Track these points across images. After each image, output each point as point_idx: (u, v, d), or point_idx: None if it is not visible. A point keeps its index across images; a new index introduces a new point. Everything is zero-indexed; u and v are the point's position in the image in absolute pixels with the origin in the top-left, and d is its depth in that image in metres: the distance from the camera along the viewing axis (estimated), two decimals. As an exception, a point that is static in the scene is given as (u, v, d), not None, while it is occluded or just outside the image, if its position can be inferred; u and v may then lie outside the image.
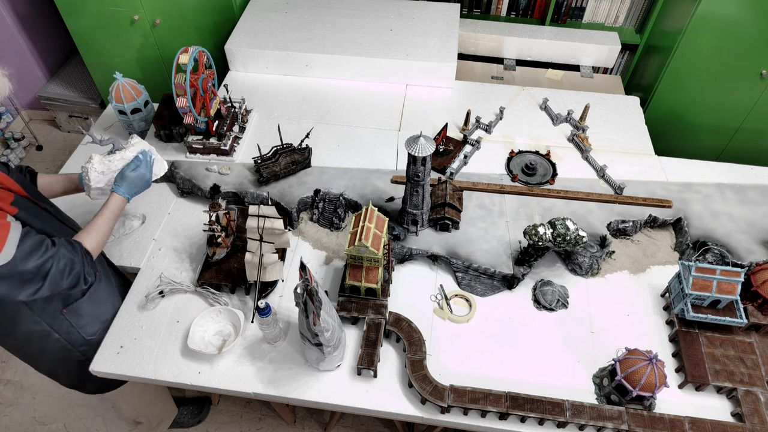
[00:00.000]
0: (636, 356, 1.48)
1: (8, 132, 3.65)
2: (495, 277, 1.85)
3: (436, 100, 2.58)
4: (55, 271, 1.37)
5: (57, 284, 1.39)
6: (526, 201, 2.08)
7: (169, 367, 1.66)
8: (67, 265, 1.39)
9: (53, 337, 1.64)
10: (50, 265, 1.36)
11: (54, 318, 1.60)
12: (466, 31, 3.04)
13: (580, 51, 3.01)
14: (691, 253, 1.93)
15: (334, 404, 1.60)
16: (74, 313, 1.64)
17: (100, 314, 1.72)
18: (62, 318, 1.62)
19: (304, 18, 2.83)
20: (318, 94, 2.60)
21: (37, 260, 1.33)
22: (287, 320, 1.76)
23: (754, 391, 1.57)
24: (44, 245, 1.36)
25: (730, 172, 2.23)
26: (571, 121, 2.43)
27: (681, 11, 2.72)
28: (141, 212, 2.08)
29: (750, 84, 2.79)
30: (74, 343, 1.69)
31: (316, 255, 1.96)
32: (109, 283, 1.76)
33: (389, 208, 2.03)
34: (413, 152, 1.67)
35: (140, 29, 2.95)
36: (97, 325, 1.72)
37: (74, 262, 1.41)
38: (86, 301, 1.66)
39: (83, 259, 1.44)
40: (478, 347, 1.71)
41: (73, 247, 1.43)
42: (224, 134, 2.21)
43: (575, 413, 1.50)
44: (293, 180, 2.13)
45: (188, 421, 2.48)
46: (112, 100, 2.17)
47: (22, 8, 3.46)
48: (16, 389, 2.66)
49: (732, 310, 1.66)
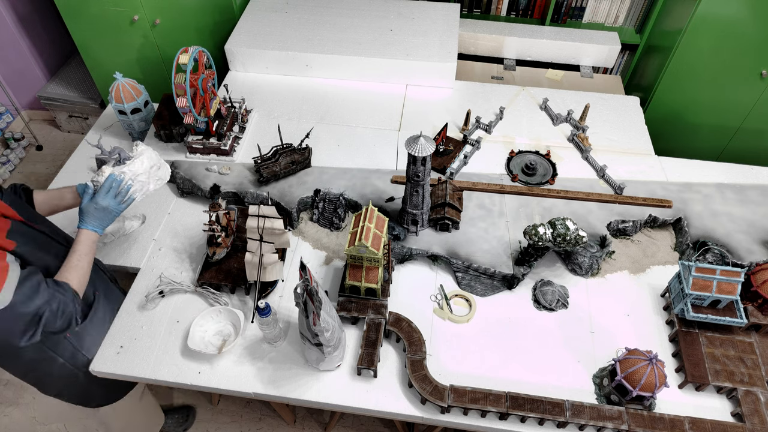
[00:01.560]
0: (636, 356, 1.48)
1: (8, 132, 3.65)
2: (495, 277, 1.85)
3: (436, 100, 2.58)
4: (49, 315, 1.35)
5: (50, 326, 1.37)
6: (526, 201, 2.08)
7: (169, 367, 1.66)
8: (59, 307, 1.37)
9: (58, 362, 1.62)
10: (45, 308, 1.34)
11: (57, 344, 1.59)
12: (466, 31, 3.04)
13: (580, 51, 3.01)
14: (691, 253, 1.93)
15: (334, 404, 1.60)
16: (77, 336, 1.63)
17: (102, 333, 1.71)
18: (66, 342, 1.60)
19: (304, 18, 2.83)
20: (318, 94, 2.60)
21: (35, 303, 1.31)
22: (287, 320, 1.76)
23: (754, 391, 1.57)
24: (41, 288, 1.33)
25: (730, 172, 2.23)
26: (571, 121, 2.43)
27: (681, 11, 2.72)
28: (141, 212, 2.08)
29: (750, 84, 2.79)
30: (78, 365, 1.67)
31: (316, 255, 1.96)
32: (107, 300, 1.75)
33: (389, 208, 2.03)
34: (413, 152, 1.67)
35: (140, 29, 2.95)
36: (99, 344, 1.71)
37: (66, 303, 1.39)
38: (88, 323, 1.65)
39: (74, 300, 1.43)
40: (478, 347, 1.71)
41: (64, 288, 1.41)
42: (224, 134, 2.21)
43: (575, 413, 1.50)
44: (293, 180, 2.13)
45: (175, 430, 2.48)
46: (112, 100, 2.17)
47: (22, 8, 3.46)
48: (16, 389, 2.66)
49: (732, 310, 1.66)
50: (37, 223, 1.52)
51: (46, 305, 1.34)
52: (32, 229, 1.47)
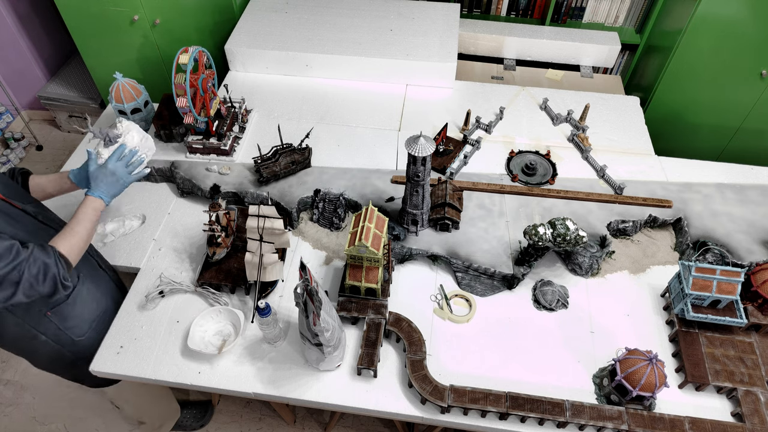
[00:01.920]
0: (636, 356, 1.48)
1: (8, 132, 3.65)
2: (495, 277, 1.85)
3: (436, 100, 2.58)
4: (27, 276, 1.33)
5: (33, 289, 1.36)
6: (526, 201, 2.08)
7: (169, 367, 1.66)
8: (40, 270, 1.35)
9: (41, 339, 1.62)
10: (22, 270, 1.32)
11: (39, 321, 1.58)
12: (466, 31, 3.04)
13: (580, 51, 3.01)
14: (691, 253, 1.93)
15: (334, 404, 1.60)
16: (59, 315, 1.61)
17: (87, 315, 1.69)
18: (48, 320, 1.60)
19: (304, 18, 2.83)
20: (318, 94, 2.60)
21: (6, 267, 1.30)
22: (287, 320, 1.76)
23: (754, 391, 1.57)
24: (13, 251, 1.31)
25: (730, 172, 2.23)
26: (571, 121, 2.43)
27: (681, 11, 2.72)
28: (141, 212, 2.08)
29: (750, 84, 2.79)
30: (63, 344, 1.67)
31: (316, 255, 1.96)
32: (93, 283, 1.72)
33: (389, 208, 2.03)
34: (413, 152, 1.67)
35: (140, 29, 2.95)
36: (85, 325, 1.70)
37: (48, 265, 1.37)
38: (70, 304, 1.63)
39: (57, 262, 1.40)
40: (478, 347, 1.71)
41: (46, 251, 1.39)
42: (224, 134, 2.21)
43: (575, 413, 1.50)
44: (293, 180, 2.12)
45: (191, 425, 2.48)
46: (112, 100, 2.17)
47: (22, 8, 3.46)
48: (16, 389, 2.66)
49: (732, 310, 1.66)
50: (20, 203, 1.49)
51: (22, 266, 1.32)
52: (12, 206, 1.45)
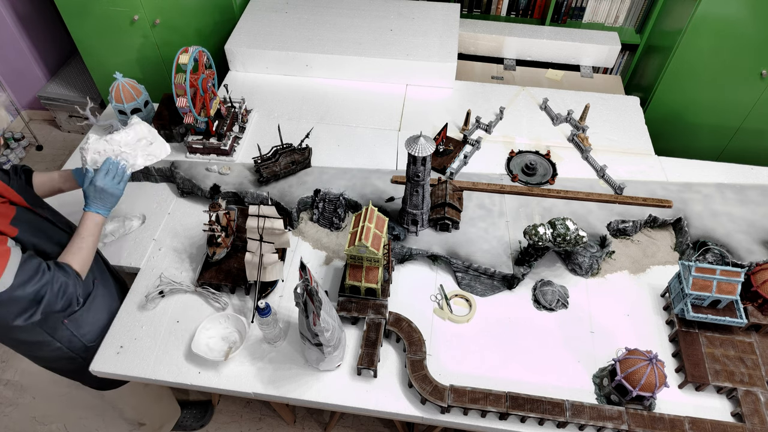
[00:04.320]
0: (636, 356, 1.48)
1: (8, 132, 3.65)
2: (495, 277, 1.85)
3: (436, 100, 2.58)
4: (49, 296, 1.37)
5: (51, 307, 1.40)
6: (526, 201, 2.08)
7: (169, 367, 1.66)
8: (61, 288, 1.40)
9: (54, 345, 1.64)
10: (46, 290, 1.36)
11: (56, 328, 1.60)
12: (466, 31, 3.04)
13: (580, 51, 3.01)
14: (691, 253, 1.93)
15: (334, 404, 1.60)
16: (75, 322, 1.64)
17: (100, 321, 1.73)
18: (64, 327, 1.62)
19: (304, 18, 2.83)
20: (318, 94, 2.60)
21: (34, 286, 1.34)
22: (287, 320, 1.76)
23: (754, 391, 1.57)
24: (41, 270, 1.36)
25: (730, 172, 2.23)
26: (571, 121, 2.43)
27: (681, 11, 2.72)
28: (141, 212, 2.08)
29: (750, 84, 2.79)
30: (75, 349, 1.69)
31: (316, 255, 1.95)
32: (106, 289, 1.76)
33: (389, 208, 2.03)
34: (413, 152, 1.67)
35: (140, 29, 2.95)
36: (97, 331, 1.72)
37: (68, 284, 1.42)
38: (86, 310, 1.66)
39: (75, 281, 1.45)
40: (478, 347, 1.71)
41: (65, 270, 1.43)
42: (224, 134, 2.21)
43: (575, 413, 1.50)
44: (293, 180, 2.12)
45: (191, 425, 2.48)
46: (112, 100, 2.17)
47: (22, 8, 3.46)
48: (16, 389, 2.66)
49: (732, 310, 1.66)
50: (40, 208, 1.54)
51: (46, 287, 1.36)
52: (36, 216, 1.50)
